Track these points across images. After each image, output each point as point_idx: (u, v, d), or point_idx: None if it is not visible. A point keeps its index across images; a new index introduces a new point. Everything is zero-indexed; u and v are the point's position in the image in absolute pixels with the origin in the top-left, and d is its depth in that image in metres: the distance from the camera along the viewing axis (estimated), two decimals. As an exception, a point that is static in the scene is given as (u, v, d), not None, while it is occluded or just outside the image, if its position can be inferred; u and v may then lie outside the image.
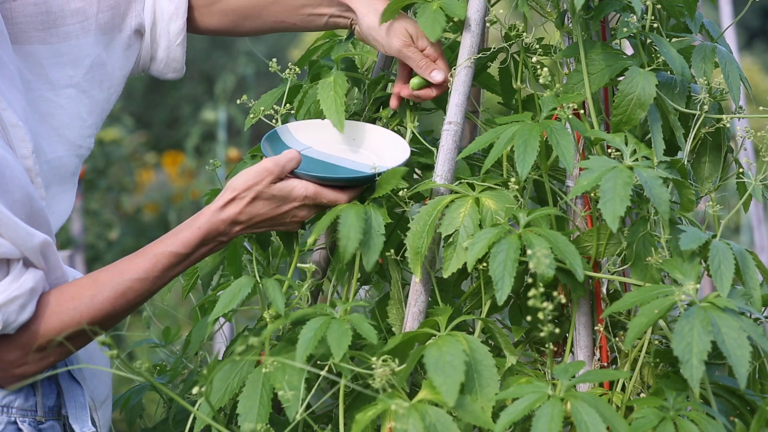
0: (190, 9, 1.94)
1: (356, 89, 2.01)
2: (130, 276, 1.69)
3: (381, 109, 1.92)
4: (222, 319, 2.01)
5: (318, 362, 1.63)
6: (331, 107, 1.82)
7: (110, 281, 1.69)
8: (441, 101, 1.91)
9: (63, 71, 1.81)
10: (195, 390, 1.49)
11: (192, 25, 1.97)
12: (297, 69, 1.93)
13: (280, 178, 1.72)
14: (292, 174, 1.73)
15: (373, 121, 1.93)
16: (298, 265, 1.81)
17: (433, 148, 1.83)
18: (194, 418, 1.62)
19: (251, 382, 1.64)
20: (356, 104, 1.99)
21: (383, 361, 1.55)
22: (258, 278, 1.71)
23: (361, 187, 1.76)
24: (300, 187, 1.72)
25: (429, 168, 1.85)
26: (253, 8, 1.93)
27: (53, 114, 1.80)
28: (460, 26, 1.83)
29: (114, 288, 1.69)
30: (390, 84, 1.95)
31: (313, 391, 1.63)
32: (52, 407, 1.75)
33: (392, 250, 1.76)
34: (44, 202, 1.73)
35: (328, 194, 1.73)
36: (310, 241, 1.72)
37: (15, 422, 1.70)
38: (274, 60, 1.90)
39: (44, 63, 1.80)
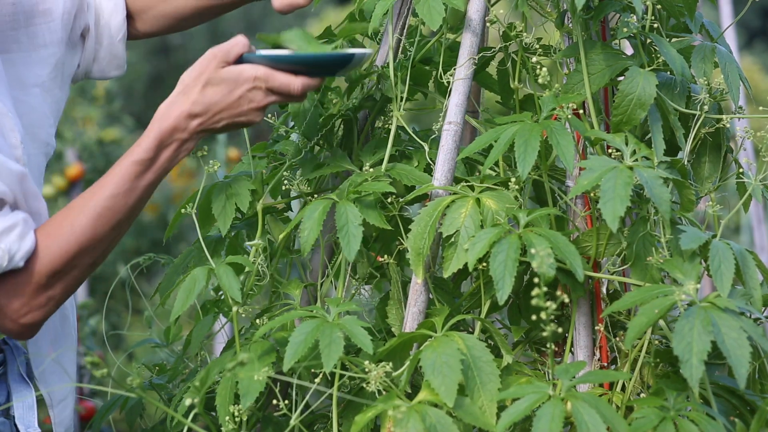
0: (128, 17, 1.96)
1: (357, 89, 2.01)
2: (101, 195, 1.68)
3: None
4: (223, 319, 2.01)
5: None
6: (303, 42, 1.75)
7: (84, 206, 1.68)
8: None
9: (32, 70, 1.83)
10: (187, 401, 1.48)
11: (130, 33, 1.98)
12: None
13: (227, 62, 1.68)
14: (244, 60, 1.69)
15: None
16: (248, 242, 1.78)
17: (424, 144, 1.82)
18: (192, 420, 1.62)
19: (225, 379, 1.66)
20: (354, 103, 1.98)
21: (378, 363, 1.55)
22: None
23: (320, 78, 1.69)
24: (249, 68, 1.68)
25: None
26: (183, 10, 1.95)
27: (24, 114, 1.80)
28: (459, 26, 1.83)
29: (89, 212, 1.67)
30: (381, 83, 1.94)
31: (311, 390, 1.62)
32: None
33: (386, 255, 1.76)
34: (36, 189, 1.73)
35: (280, 77, 1.67)
36: (306, 248, 1.70)
37: None
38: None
39: (17, 62, 1.81)
